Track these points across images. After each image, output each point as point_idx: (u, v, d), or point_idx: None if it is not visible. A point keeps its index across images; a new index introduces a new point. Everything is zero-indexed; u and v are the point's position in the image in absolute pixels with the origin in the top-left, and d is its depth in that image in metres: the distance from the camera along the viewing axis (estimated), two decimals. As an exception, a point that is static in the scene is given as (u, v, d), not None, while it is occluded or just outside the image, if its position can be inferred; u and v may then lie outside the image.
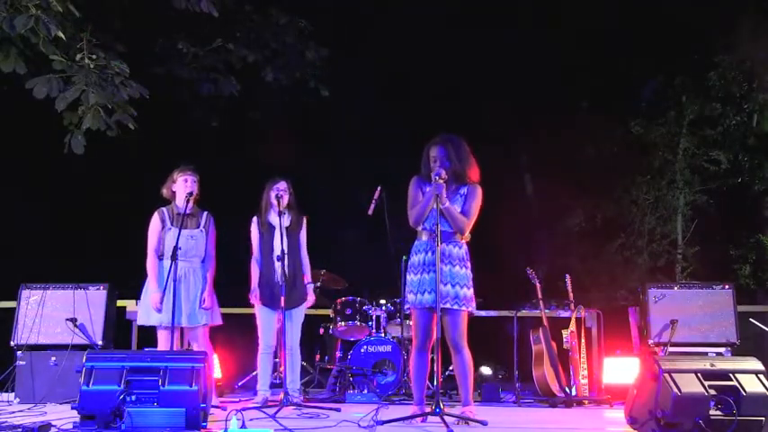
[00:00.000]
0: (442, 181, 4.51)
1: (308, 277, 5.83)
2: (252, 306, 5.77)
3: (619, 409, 4.99)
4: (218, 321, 5.55)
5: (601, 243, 10.99)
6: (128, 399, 4.04)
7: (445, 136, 4.71)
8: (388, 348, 6.40)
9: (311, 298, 5.85)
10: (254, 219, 5.80)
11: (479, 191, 4.70)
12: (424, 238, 4.68)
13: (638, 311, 6.44)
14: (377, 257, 6.65)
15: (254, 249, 5.77)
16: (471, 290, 4.66)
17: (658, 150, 10.90)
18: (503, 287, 7.95)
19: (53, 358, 5.92)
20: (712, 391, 4.00)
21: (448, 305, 4.56)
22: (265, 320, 5.71)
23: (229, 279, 5.81)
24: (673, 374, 4.04)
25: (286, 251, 5.43)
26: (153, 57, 7.47)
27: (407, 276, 4.75)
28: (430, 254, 4.60)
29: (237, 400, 5.98)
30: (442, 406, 4.31)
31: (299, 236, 5.79)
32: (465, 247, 4.71)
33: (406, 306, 4.77)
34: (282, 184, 5.71)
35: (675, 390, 3.97)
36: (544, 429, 4.53)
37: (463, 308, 4.58)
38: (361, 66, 9.49)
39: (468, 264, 4.70)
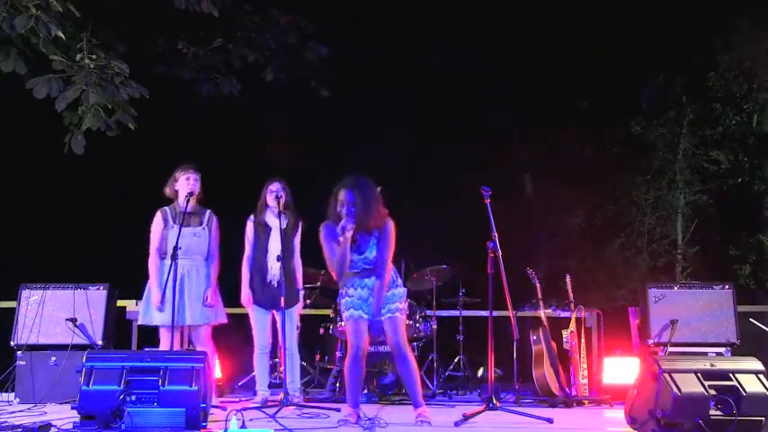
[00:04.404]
0: (349, 235, 4.45)
1: (299, 282, 5.82)
2: (248, 306, 5.76)
3: (619, 409, 4.98)
4: (223, 320, 5.53)
5: (601, 243, 11.00)
6: (128, 399, 4.04)
7: (353, 179, 4.59)
8: (388, 348, 6.39)
9: (301, 303, 5.84)
10: (251, 218, 5.78)
11: (390, 228, 4.60)
12: (350, 275, 4.61)
13: (638, 311, 6.44)
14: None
15: (247, 249, 5.77)
16: (405, 303, 4.68)
17: (658, 150, 10.92)
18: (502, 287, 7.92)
19: (53, 358, 5.92)
20: (712, 391, 4.01)
21: (388, 315, 4.57)
22: (258, 320, 5.71)
23: (231, 279, 5.80)
24: (673, 374, 4.05)
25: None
26: (153, 57, 7.47)
27: (343, 311, 4.65)
28: (361, 289, 4.59)
29: (237, 400, 5.98)
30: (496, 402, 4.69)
31: (294, 239, 5.78)
32: (391, 270, 4.65)
33: (341, 323, 4.69)
34: (277, 185, 5.69)
35: (675, 390, 3.97)
36: (544, 429, 4.53)
37: (397, 314, 4.58)
38: (361, 65, 9.48)
39: (400, 281, 4.70)
